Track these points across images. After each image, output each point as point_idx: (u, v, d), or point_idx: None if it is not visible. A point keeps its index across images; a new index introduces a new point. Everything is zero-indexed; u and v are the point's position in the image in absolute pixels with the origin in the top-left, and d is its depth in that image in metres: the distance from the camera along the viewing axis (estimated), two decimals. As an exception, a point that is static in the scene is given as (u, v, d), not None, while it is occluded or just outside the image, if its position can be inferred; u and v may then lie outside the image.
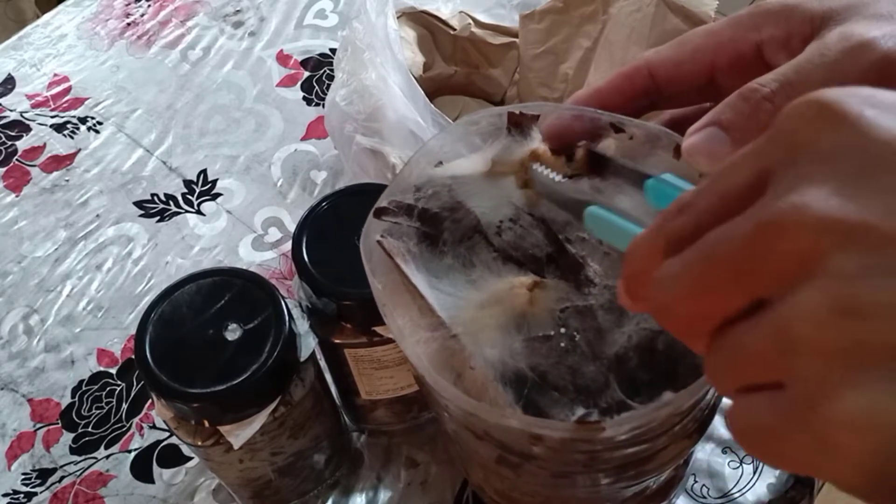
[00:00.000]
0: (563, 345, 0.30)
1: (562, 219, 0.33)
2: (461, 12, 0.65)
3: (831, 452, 0.18)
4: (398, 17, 0.61)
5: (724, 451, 0.53)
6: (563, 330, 0.31)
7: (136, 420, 0.57)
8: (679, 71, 0.32)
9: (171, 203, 0.69)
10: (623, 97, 0.34)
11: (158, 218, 0.68)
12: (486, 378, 0.29)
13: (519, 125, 0.35)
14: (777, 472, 0.52)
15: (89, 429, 0.57)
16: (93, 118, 0.75)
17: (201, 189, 0.69)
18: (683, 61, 0.32)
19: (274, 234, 0.66)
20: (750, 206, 0.20)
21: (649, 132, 0.33)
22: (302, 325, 0.44)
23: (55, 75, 0.79)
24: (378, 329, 0.44)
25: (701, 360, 0.27)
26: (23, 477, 0.56)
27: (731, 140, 0.29)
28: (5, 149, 0.74)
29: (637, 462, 0.32)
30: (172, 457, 0.56)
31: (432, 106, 0.53)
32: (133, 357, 0.42)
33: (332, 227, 0.45)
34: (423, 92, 0.54)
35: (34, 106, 0.76)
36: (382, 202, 0.34)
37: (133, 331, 0.51)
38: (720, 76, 0.32)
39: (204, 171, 0.70)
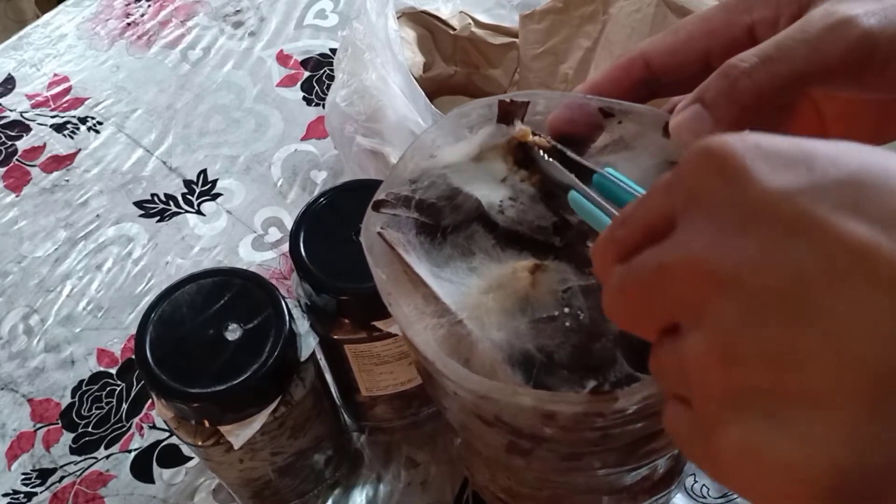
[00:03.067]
0: (567, 324, 0.30)
1: (559, 200, 0.34)
2: (461, 12, 0.65)
3: (728, 476, 0.21)
4: (398, 18, 0.61)
5: (723, 451, 0.53)
6: (566, 310, 0.31)
7: (136, 420, 0.57)
8: (674, 58, 0.32)
9: (171, 203, 0.69)
10: (621, 88, 0.34)
11: (158, 218, 0.68)
12: (495, 361, 0.29)
13: (509, 114, 0.35)
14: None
15: (89, 429, 0.57)
16: (93, 118, 0.75)
17: (201, 189, 0.69)
18: (678, 49, 0.32)
19: (274, 234, 0.66)
20: (665, 236, 0.22)
21: (639, 113, 0.33)
22: (302, 324, 0.44)
23: (55, 75, 0.79)
24: (377, 324, 0.44)
25: None
26: (23, 477, 0.56)
27: (713, 117, 0.29)
28: (5, 149, 0.74)
29: (646, 438, 0.32)
30: (172, 457, 0.56)
31: (433, 106, 0.53)
32: (133, 357, 0.42)
33: (330, 223, 0.45)
34: (423, 92, 0.54)
35: (34, 106, 0.76)
36: (380, 195, 0.34)
37: (133, 331, 0.51)
38: (715, 61, 0.32)
39: (204, 171, 0.70)
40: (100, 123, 0.75)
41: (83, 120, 0.75)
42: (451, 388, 0.31)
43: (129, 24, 0.83)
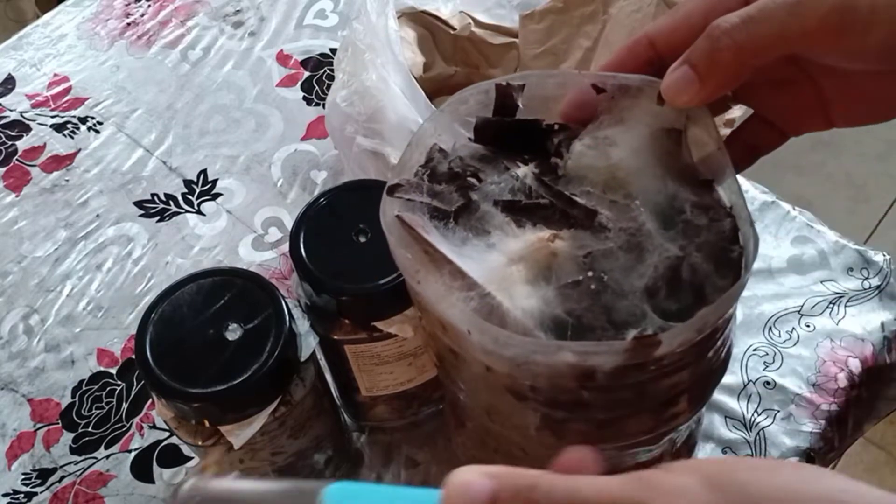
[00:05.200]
0: (593, 287, 0.31)
1: (562, 181, 0.35)
2: (461, 12, 0.65)
3: None
4: (398, 18, 0.61)
5: (723, 452, 0.53)
6: (590, 273, 0.31)
7: (136, 420, 0.57)
8: (675, 36, 0.33)
9: (171, 203, 0.69)
10: (627, 70, 0.35)
11: (158, 218, 0.68)
12: (527, 329, 0.30)
13: (507, 98, 0.35)
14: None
15: (89, 429, 0.57)
16: (93, 118, 0.75)
17: (201, 189, 0.69)
18: (678, 26, 0.33)
19: (274, 233, 0.66)
20: None
21: (632, 84, 0.34)
22: (302, 324, 0.44)
23: (55, 75, 0.79)
24: (378, 324, 0.44)
25: (727, 281, 0.30)
26: (23, 477, 0.56)
27: (698, 76, 0.31)
28: (5, 149, 0.74)
29: (672, 400, 0.33)
30: (172, 457, 0.56)
31: (433, 106, 0.53)
32: (133, 357, 0.42)
33: (330, 223, 0.45)
34: (423, 92, 0.54)
35: (34, 106, 0.76)
36: (393, 181, 0.35)
37: (133, 331, 0.51)
38: None
39: (204, 171, 0.70)
40: (100, 123, 0.75)
41: (83, 120, 0.75)
42: (484, 362, 0.31)
43: (129, 24, 0.83)
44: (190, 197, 0.69)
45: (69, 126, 0.75)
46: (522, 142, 0.36)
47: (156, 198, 0.69)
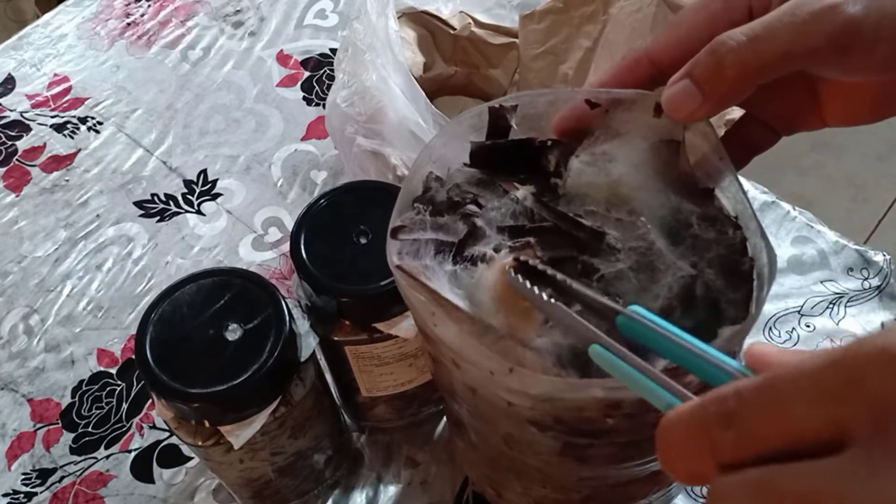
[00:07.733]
0: None
1: (563, 201, 0.34)
2: (461, 12, 0.65)
3: None
4: (398, 18, 0.61)
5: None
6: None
7: (136, 420, 0.57)
8: (679, 52, 0.33)
9: (171, 203, 0.69)
10: (627, 87, 0.34)
11: (158, 218, 0.68)
12: (546, 366, 0.29)
13: (501, 120, 0.35)
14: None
15: (89, 429, 0.57)
16: (93, 118, 0.75)
17: (201, 189, 0.69)
18: (681, 42, 0.33)
19: (274, 233, 0.66)
20: (821, 455, 0.19)
21: (625, 98, 0.34)
22: (302, 324, 0.44)
23: (55, 75, 0.79)
24: (378, 325, 0.44)
25: (740, 294, 0.30)
26: (23, 477, 0.56)
27: (701, 92, 0.30)
28: (5, 149, 0.74)
29: None
30: (172, 457, 0.56)
31: (433, 107, 0.53)
32: (133, 357, 0.42)
33: (331, 224, 0.45)
34: (423, 93, 0.54)
35: (34, 106, 0.76)
36: (395, 221, 0.34)
37: (133, 331, 0.51)
38: None
39: (204, 171, 0.70)
40: (100, 123, 0.75)
41: (83, 120, 0.75)
42: (506, 398, 0.31)
43: (129, 24, 0.83)
44: (190, 197, 0.69)
45: (69, 126, 0.74)
46: (517, 162, 0.35)
47: (156, 198, 0.69)
